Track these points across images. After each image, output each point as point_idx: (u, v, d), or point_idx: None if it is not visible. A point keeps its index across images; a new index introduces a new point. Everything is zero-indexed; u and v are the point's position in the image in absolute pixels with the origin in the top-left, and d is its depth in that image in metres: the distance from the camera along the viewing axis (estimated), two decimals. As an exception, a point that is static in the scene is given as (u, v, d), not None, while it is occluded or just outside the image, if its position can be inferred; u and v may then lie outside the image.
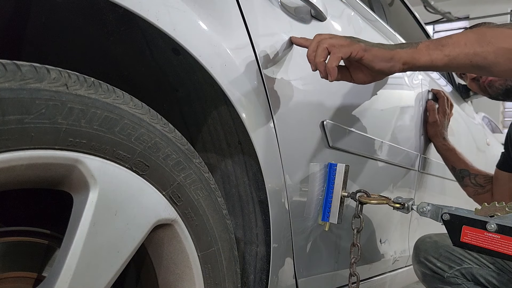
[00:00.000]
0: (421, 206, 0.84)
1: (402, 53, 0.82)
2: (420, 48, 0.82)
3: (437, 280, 1.25)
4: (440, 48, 0.81)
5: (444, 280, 1.23)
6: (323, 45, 0.79)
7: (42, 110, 0.45)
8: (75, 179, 0.49)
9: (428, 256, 1.27)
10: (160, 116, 0.59)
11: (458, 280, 1.21)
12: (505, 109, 8.70)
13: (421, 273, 1.30)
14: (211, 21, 0.69)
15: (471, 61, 0.80)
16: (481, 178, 1.46)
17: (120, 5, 0.55)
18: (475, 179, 1.46)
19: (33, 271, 0.57)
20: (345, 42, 0.81)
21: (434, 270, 1.25)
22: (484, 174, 1.47)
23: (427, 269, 1.27)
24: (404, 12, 1.92)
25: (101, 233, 0.50)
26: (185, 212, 0.61)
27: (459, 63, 0.81)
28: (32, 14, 0.67)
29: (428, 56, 0.81)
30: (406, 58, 0.82)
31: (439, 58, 0.81)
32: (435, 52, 0.81)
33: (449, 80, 2.14)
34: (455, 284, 1.21)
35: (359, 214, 0.92)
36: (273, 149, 0.79)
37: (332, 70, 0.78)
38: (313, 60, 0.80)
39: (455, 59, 0.80)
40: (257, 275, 0.82)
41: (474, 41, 0.79)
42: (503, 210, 0.75)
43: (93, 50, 0.72)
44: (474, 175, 1.47)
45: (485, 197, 1.44)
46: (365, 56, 0.81)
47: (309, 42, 0.82)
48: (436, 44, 0.81)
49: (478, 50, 0.79)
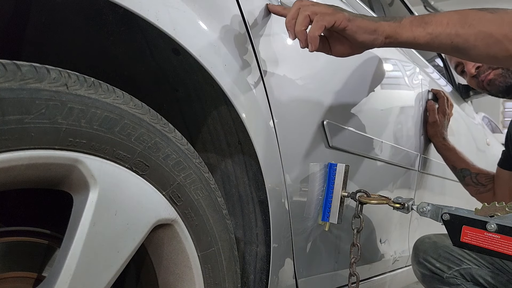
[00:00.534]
0: (421, 206, 0.84)
1: (386, 26, 0.80)
2: (404, 24, 0.80)
3: (436, 280, 1.25)
4: (423, 26, 0.79)
5: (443, 280, 1.23)
6: (305, 12, 0.75)
7: (42, 110, 0.45)
8: (75, 179, 0.49)
9: (427, 256, 1.27)
10: (160, 116, 0.59)
11: (457, 280, 1.21)
12: (505, 109, 8.70)
13: (421, 274, 1.30)
14: (211, 21, 0.69)
15: (452, 42, 0.79)
16: (482, 177, 1.46)
17: (120, 5, 0.55)
18: (476, 178, 1.46)
19: (33, 271, 0.57)
20: (328, 10, 0.77)
21: (433, 271, 1.25)
22: (485, 172, 1.47)
23: (426, 269, 1.27)
24: (404, 12, 1.92)
25: (101, 233, 0.50)
26: (185, 212, 0.61)
27: (440, 43, 0.80)
28: (32, 14, 0.67)
29: (410, 33, 0.80)
30: (389, 31, 0.80)
31: (422, 35, 0.79)
32: (418, 29, 0.79)
33: (449, 80, 2.14)
34: (454, 284, 1.21)
35: (359, 214, 0.92)
36: (273, 149, 0.79)
37: (314, 39, 0.74)
38: (292, 28, 0.76)
39: (437, 38, 0.79)
40: (257, 275, 0.82)
41: (457, 22, 0.78)
42: (503, 210, 0.75)
43: (93, 50, 0.72)
44: (475, 174, 1.47)
45: (488, 196, 1.44)
46: (348, 26, 0.77)
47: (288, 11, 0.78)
48: (420, 21, 0.80)
49: (460, 31, 0.78)
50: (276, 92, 0.81)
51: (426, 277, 1.28)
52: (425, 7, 3.19)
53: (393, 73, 1.35)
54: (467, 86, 2.17)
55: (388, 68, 1.32)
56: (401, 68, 1.40)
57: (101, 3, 0.60)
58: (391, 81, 1.32)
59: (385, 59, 1.31)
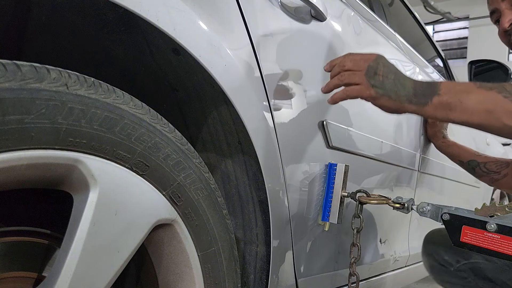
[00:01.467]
0: (421, 206, 0.84)
1: (409, 108, 0.83)
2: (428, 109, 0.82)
3: (444, 272, 1.26)
4: (447, 112, 0.81)
5: (451, 273, 1.23)
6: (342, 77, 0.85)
7: (42, 110, 0.45)
8: (75, 179, 0.49)
9: (436, 248, 1.27)
10: (160, 116, 0.59)
11: (464, 274, 1.22)
12: (505, 109, 8.64)
13: (429, 265, 1.31)
14: (211, 21, 0.69)
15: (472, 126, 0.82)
16: (492, 164, 1.42)
17: (120, 5, 0.55)
18: (485, 166, 1.43)
19: (33, 271, 0.57)
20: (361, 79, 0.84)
21: (442, 263, 1.26)
22: (494, 160, 1.43)
23: (435, 261, 1.28)
24: (404, 12, 1.92)
25: (101, 233, 0.50)
26: (185, 212, 0.61)
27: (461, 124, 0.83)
28: (32, 14, 0.67)
29: (433, 116, 0.83)
30: (411, 112, 0.84)
31: (443, 118, 0.83)
32: (441, 114, 0.82)
33: (449, 80, 2.14)
34: (462, 278, 1.22)
35: (359, 214, 0.92)
36: (273, 149, 0.79)
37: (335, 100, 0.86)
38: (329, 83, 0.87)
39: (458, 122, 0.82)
40: (257, 275, 0.82)
41: (482, 113, 0.78)
42: (503, 210, 0.75)
43: (93, 50, 0.72)
44: (483, 163, 1.43)
45: (506, 181, 1.41)
46: (372, 102, 0.85)
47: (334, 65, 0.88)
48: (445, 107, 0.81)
49: (483, 123, 0.79)
50: (276, 92, 0.81)
51: (434, 268, 1.29)
52: (425, 7, 3.20)
53: (393, 73, 1.35)
54: None
55: (388, 68, 1.31)
56: (401, 68, 1.40)
57: (101, 3, 0.60)
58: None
59: (385, 59, 1.31)
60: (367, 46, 1.21)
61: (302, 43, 0.92)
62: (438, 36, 10.42)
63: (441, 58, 2.20)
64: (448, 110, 0.81)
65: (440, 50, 2.19)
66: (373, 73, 0.83)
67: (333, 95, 0.86)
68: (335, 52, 1.02)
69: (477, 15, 9.29)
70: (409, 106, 0.83)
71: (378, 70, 0.83)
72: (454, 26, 10.17)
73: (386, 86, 0.83)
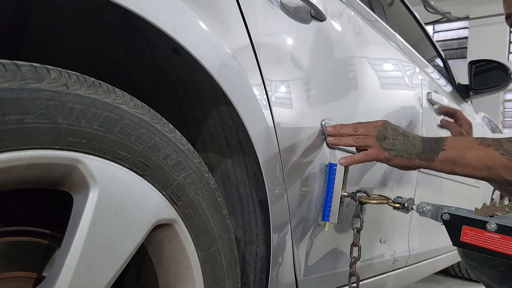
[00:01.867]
0: (421, 206, 0.84)
1: (419, 164, 0.91)
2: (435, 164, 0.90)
3: None
4: (452, 167, 0.88)
5: None
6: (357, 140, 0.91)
7: (42, 110, 0.45)
8: (75, 179, 0.49)
9: None
10: (160, 116, 0.59)
11: None
12: (505, 109, 8.70)
13: None
14: (211, 21, 0.69)
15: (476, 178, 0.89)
16: None
17: (120, 5, 0.55)
18: None
19: (33, 271, 0.57)
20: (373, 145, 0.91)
21: None
22: None
23: None
24: (404, 12, 1.92)
25: (101, 233, 0.50)
26: (185, 212, 0.61)
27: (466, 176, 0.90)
28: (32, 14, 0.67)
29: (440, 170, 0.90)
30: (421, 167, 0.92)
31: (450, 172, 0.90)
32: (447, 168, 0.89)
33: (449, 80, 2.14)
34: None
35: (359, 214, 0.92)
36: (273, 149, 0.79)
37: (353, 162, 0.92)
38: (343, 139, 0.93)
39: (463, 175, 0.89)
40: (257, 275, 0.82)
41: (484, 169, 0.85)
42: (503, 210, 0.75)
43: (93, 50, 0.72)
44: None
45: None
46: (387, 163, 0.93)
47: None
48: (450, 162, 0.88)
49: (485, 177, 0.86)
50: (276, 92, 0.81)
51: None
52: (425, 7, 3.20)
53: (393, 73, 1.35)
54: (467, 86, 2.16)
55: (388, 68, 1.32)
56: (401, 68, 1.40)
57: (101, 3, 0.60)
58: (391, 81, 1.32)
59: (385, 59, 1.31)
60: (367, 46, 1.21)
61: (302, 43, 0.92)
62: (438, 36, 10.42)
63: (441, 58, 2.20)
64: (452, 165, 0.88)
65: (440, 50, 2.19)
66: (383, 137, 0.91)
67: (353, 156, 0.92)
68: (335, 52, 1.02)
69: (477, 15, 9.29)
70: (420, 162, 0.91)
71: (387, 134, 0.91)
72: (454, 26, 10.17)
73: (397, 147, 0.91)
